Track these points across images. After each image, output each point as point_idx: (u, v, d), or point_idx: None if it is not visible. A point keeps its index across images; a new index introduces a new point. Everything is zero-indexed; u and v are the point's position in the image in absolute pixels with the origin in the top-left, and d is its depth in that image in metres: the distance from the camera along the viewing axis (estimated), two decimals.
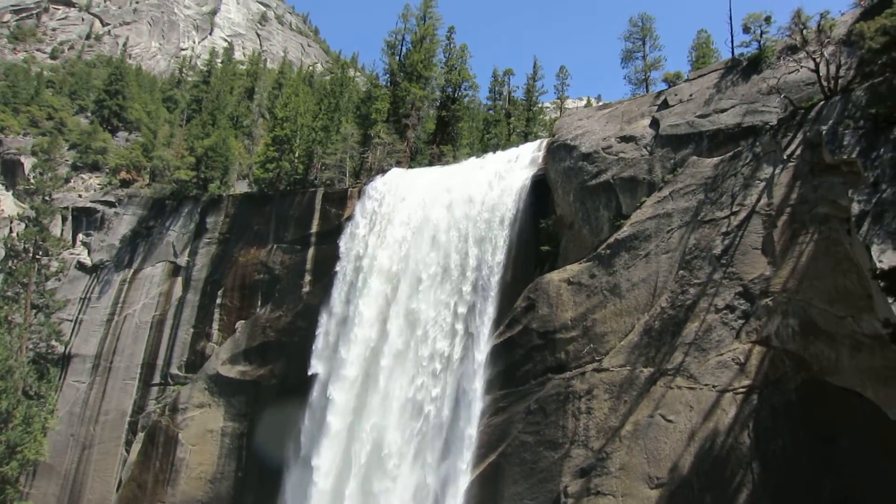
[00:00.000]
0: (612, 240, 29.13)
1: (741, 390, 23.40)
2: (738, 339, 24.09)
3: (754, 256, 24.54)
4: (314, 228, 45.42)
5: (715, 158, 27.06)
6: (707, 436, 23.48)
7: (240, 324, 46.41)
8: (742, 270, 24.67)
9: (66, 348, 50.86)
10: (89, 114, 79.31)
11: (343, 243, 40.64)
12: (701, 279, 25.67)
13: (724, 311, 24.69)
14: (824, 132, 22.90)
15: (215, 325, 48.02)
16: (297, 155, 50.55)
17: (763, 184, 25.13)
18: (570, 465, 27.43)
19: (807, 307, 22.49)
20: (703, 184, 26.92)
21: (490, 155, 40.67)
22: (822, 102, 24.48)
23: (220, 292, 48.46)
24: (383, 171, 44.04)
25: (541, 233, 33.47)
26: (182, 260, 51.11)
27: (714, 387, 23.97)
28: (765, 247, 24.38)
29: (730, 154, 26.62)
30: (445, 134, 55.13)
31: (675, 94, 30.82)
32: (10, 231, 50.81)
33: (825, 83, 24.77)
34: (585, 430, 27.37)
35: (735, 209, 25.55)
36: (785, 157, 24.87)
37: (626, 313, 27.86)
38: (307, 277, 44.41)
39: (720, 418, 23.44)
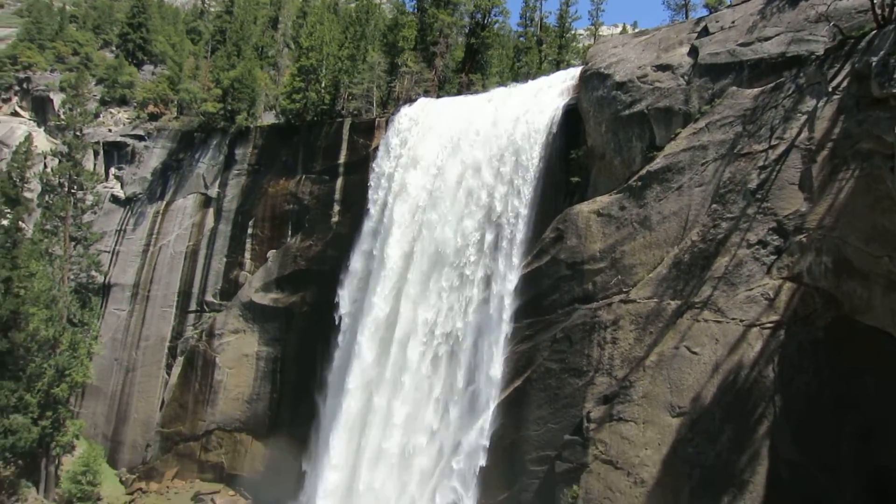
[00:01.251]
0: (644, 172, 28.78)
1: (768, 325, 23.53)
2: (769, 275, 24.03)
3: (791, 192, 24.13)
4: (342, 159, 45.52)
5: (755, 89, 26.21)
6: (731, 369, 23.82)
7: (271, 253, 47.37)
8: (777, 206, 24.33)
9: (105, 278, 52.60)
10: (114, 48, 79.00)
11: (371, 174, 40.74)
12: (734, 213, 25.42)
13: (756, 247, 24.54)
14: (874, 63, 21.96)
15: (247, 255, 49.05)
16: (323, 85, 50.08)
17: (805, 117, 24.40)
18: (593, 392, 28.16)
19: (842, 245, 22.25)
20: (741, 115, 26.22)
21: (520, 83, 39.88)
22: (873, 32, 23.35)
23: (250, 223, 49.26)
24: (411, 100, 43.53)
25: (571, 164, 33.14)
26: (213, 191, 51.80)
27: (741, 321, 24.13)
28: (802, 182, 23.93)
29: (771, 85, 25.76)
30: (474, 62, 53.95)
31: (717, 21, 29.62)
32: (45, 167, 51.79)
33: (878, 11, 23.55)
34: (610, 360, 27.91)
35: (774, 143, 24.97)
36: (830, 90, 24.00)
37: (656, 246, 27.83)
38: (336, 207, 44.88)
39: (745, 352, 23.70)
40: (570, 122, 33.24)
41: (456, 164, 35.49)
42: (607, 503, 26.74)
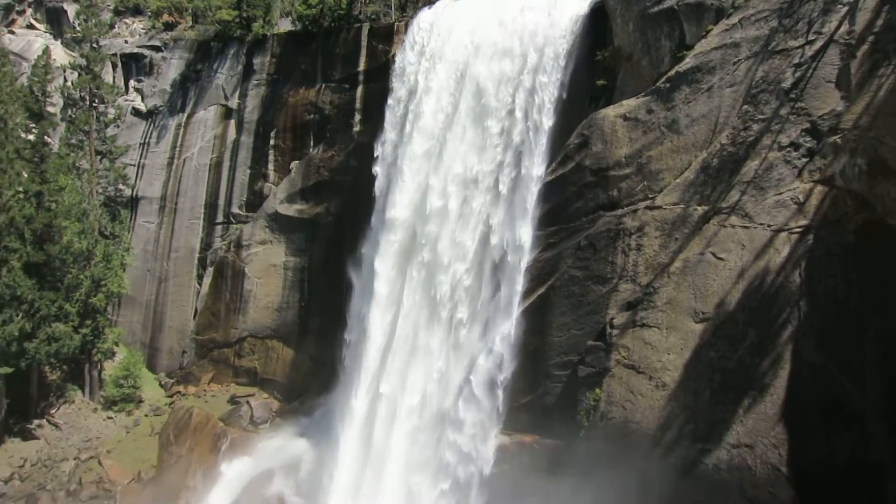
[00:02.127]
0: (672, 73, 27.65)
1: (797, 230, 23.09)
2: (800, 178, 23.36)
3: (827, 90, 23.05)
4: (361, 66, 44.44)
5: None
6: (757, 274, 23.61)
7: (294, 164, 47.28)
8: (812, 105, 23.33)
9: (132, 191, 53.26)
10: None
11: (391, 81, 39.76)
12: (766, 114, 24.47)
13: (788, 149, 23.75)
14: None
15: (271, 166, 49.04)
16: None
17: (845, 8, 22.94)
18: (617, 298, 28.29)
19: (878, 146, 21.38)
20: (777, 9, 24.74)
21: None
22: None
23: (272, 134, 48.93)
24: (431, 2, 41.82)
25: (596, 66, 31.94)
26: (233, 102, 51.23)
27: (769, 226, 23.69)
28: (839, 80, 22.80)
29: None
30: None
31: None
32: (65, 80, 51.46)
33: None
34: (634, 266, 27.85)
35: (811, 38, 23.65)
36: None
37: (683, 150, 27.11)
38: (357, 117, 44.25)
39: (772, 257, 23.40)
40: (596, 22, 31.80)
41: (477, 68, 34.41)
42: (629, 405, 27.36)
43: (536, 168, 31.64)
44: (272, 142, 48.97)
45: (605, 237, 28.81)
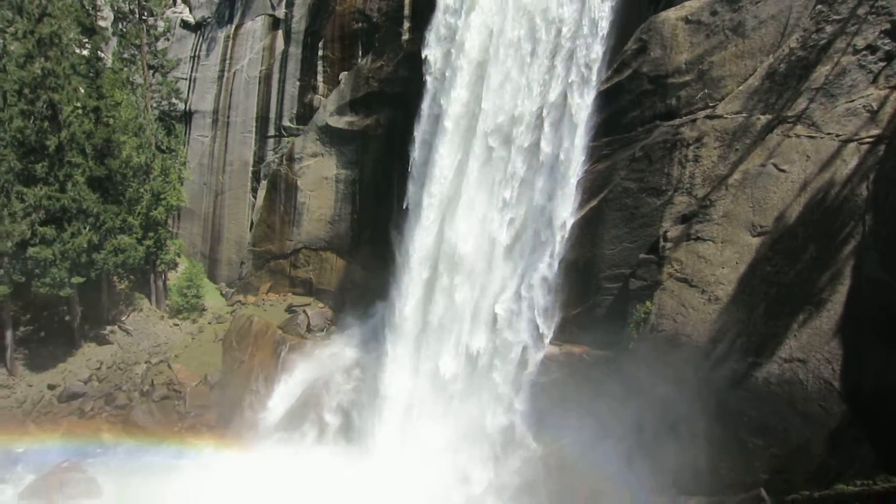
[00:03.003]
0: None
1: (867, 140, 21.86)
2: (875, 85, 21.89)
3: None
4: None
5: None
6: (820, 187, 22.66)
7: (343, 75, 46.74)
8: (893, 4, 21.54)
9: (185, 105, 53.82)
10: None
11: None
12: (842, 14, 22.73)
13: (864, 53, 22.15)
14: None
15: (320, 78, 48.62)
16: None
17: None
18: (671, 211, 27.70)
19: None
20: None
21: None
22: None
23: (320, 44, 48.19)
24: None
25: None
26: (280, 12, 50.37)
27: (837, 136, 22.49)
28: None
29: None
30: None
31: None
32: None
33: None
34: (691, 178, 27.06)
35: None
36: None
37: (749, 55, 25.59)
38: (406, 24, 43.03)
39: (838, 169, 22.34)
40: None
41: None
42: (679, 319, 27.30)
43: (591, 76, 30.51)
44: (320, 52, 48.32)
45: (661, 148, 27.92)
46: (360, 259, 46.06)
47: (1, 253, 39.93)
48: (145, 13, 49.44)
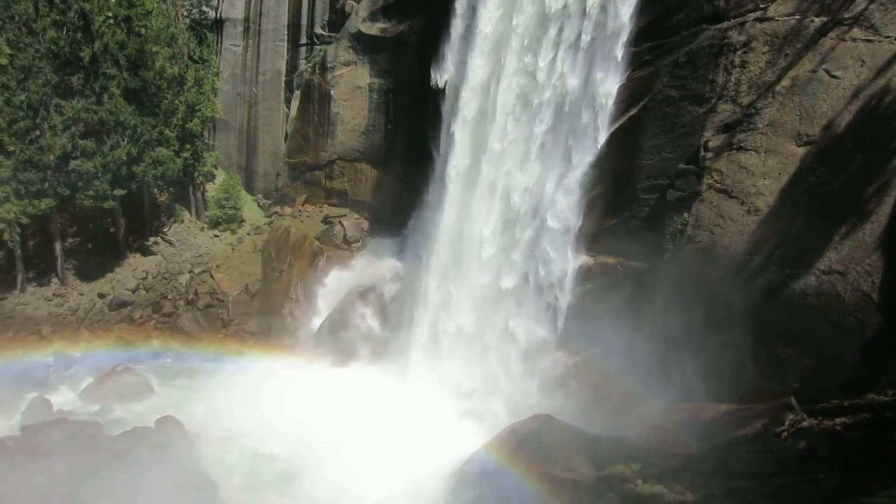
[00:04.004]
0: None
1: None
2: None
3: None
4: None
5: None
6: (874, 94, 21.62)
7: None
8: None
9: (216, 13, 52.84)
10: None
11: None
12: None
13: None
14: None
15: None
16: None
17: None
18: (714, 120, 26.88)
19: None
20: None
21: None
22: None
23: None
24: None
25: None
26: None
27: None
28: None
29: None
30: None
31: None
32: None
33: None
34: (736, 85, 26.06)
35: None
36: None
37: None
38: None
39: (895, 75, 21.25)
40: None
41: None
42: (717, 230, 27.00)
43: None
44: None
45: (706, 53, 26.76)
46: (395, 170, 45.97)
47: (44, 166, 40.86)
48: None
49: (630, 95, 29.42)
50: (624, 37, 28.79)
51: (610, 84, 29.62)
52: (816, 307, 22.97)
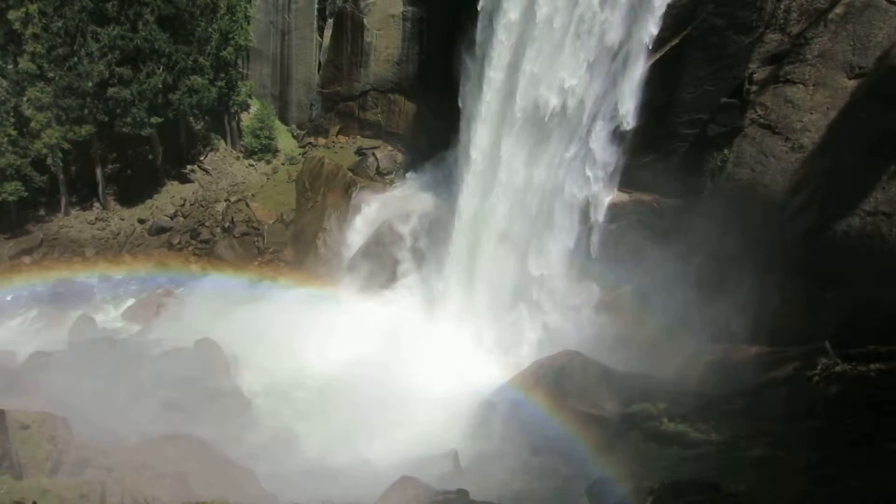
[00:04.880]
0: None
1: None
2: None
3: None
4: None
5: None
6: None
7: None
8: None
9: None
10: None
11: None
12: None
13: None
14: None
15: None
16: None
17: None
18: (760, 50, 25.69)
19: None
20: None
21: None
22: None
23: None
24: None
25: None
26: None
27: None
28: None
29: None
30: None
31: None
32: None
33: None
34: (786, 13, 24.71)
35: None
36: None
37: None
38: None
39: None
40: None
41: None
42: (759, 167, 26.21)
43: None
44: None
45: None
46: (429, 101, 45.23)
47: (83, 92, 41.22)
48: None
49: (672, 24, 28.06)
50: None
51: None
52: (858, 249, 22.35)
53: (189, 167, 49.44)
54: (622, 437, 23.38)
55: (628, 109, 29.24)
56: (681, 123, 28.74)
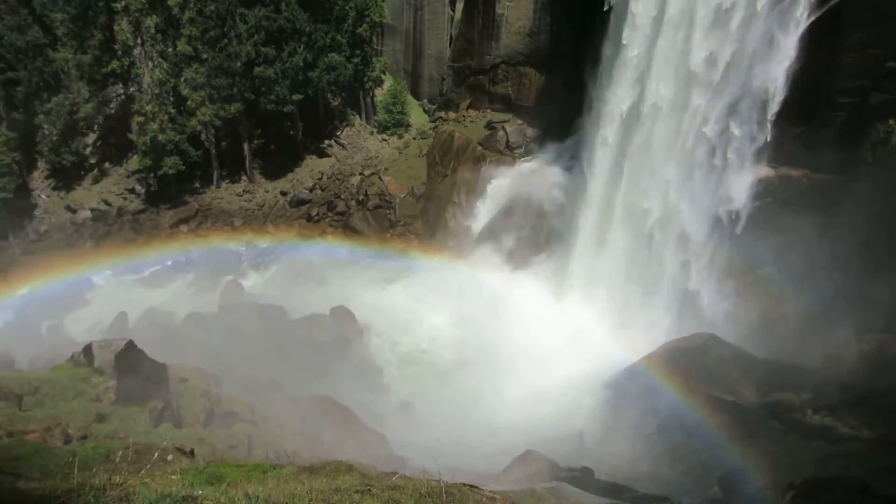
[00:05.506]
0: None
1: None
2: None
3: None
4: None
5: None
6: None
7: None
8: None
9: None
10: None
11: None
12: None
13: None
14: None
15: None
16: None
17: None
18: None
19: None
20: None
21: None
22: None
23: None
24: None
25: None
26: None
27: None
28: None
29: None
30: None
31: None
32: None
33: None
34: None
35: None
36: None
37: None
38: None
39: None
40: None
41: None
42: None
43: None
44: None
45: None
46: (560, 74, 44.29)
47: (232, 72, 44.11)
48: None
49: None
50: None
51: None
52: None
53: (326, 142, 51.68)
54: (760, 426, 22.19)
55: (778, 77, 27.14)
56: (838, 92, 26.37)
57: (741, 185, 29.82)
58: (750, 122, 28.34)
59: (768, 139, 28.34)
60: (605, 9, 34.61)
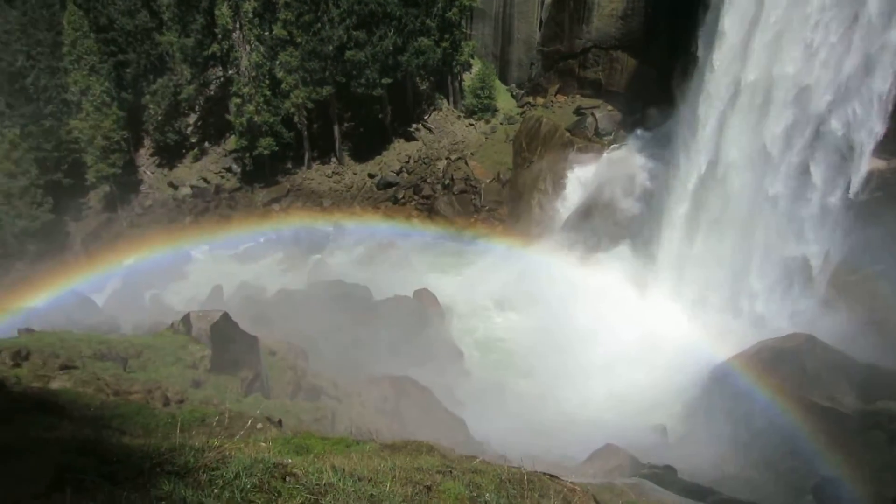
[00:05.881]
0: None
1: None
2: None
3: None
4: None
5: None
6: None
7: None
8: None
9: None
10: None
11: None
12: None
13: None
14: None
15: None
16: None
17: None
18: None
19: None
20: None
21: None
22: None
23: None
24: None
25: None
26: None
27: None
28: None
29: None
30: None
31: None
32: None
33: None
34: None
35: None
36: None
37: None
38: None
39: None
40: None
41: None
42: None
43: None
44: None
45: None
46: (654, 58, 42.80)
47: (324, 56, 45.07)
48: None
49: None
50: None
51: None
52: None
53: (414, 126, 52.08)
54: (861, 435, 20.89)
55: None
56: None
57: (847, 177, 28.00)
58: (862, 108, 26.45)
59: (879, 127, 26.47)
60: None
